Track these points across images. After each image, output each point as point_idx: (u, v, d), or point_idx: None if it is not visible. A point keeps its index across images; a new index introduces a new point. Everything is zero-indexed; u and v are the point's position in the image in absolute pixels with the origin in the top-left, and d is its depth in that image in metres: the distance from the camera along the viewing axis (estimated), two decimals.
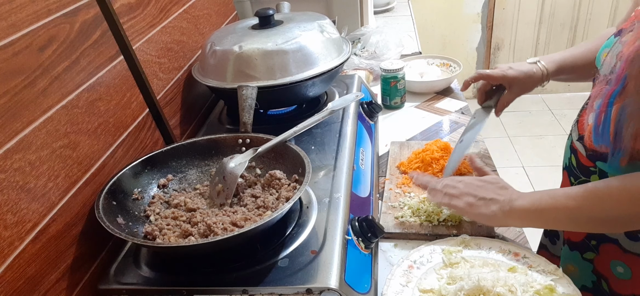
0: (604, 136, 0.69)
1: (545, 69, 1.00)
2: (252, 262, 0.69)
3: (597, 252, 0.87)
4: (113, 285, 0.69)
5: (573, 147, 0.89)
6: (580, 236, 0.90)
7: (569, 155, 0.91)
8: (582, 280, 0.91)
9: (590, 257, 0.89)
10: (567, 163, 0.92)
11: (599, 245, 0.86)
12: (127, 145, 0.85)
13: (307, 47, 0.98)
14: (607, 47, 0.80)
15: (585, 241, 0.89)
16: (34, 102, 0.65)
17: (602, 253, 0.86)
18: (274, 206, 0.76)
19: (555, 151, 3.02)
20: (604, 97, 0.69)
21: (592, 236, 0.87)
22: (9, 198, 0.59)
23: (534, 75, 1.00)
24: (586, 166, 0.85)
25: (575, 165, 0.88)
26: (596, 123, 0.70)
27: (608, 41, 0.81)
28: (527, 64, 1.02)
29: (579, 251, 0.91)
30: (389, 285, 0.76)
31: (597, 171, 0.82)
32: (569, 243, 0.93)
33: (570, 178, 0.91)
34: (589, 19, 3.33)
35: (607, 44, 0.81)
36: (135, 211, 0.78)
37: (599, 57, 0.83)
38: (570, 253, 0.93)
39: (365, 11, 1.75)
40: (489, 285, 0.70)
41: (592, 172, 0.84)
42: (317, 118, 0.88)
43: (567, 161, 0.92)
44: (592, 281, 0.90)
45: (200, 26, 1.22)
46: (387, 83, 1.40)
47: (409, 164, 1.12)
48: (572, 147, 0.89)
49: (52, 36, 0.69)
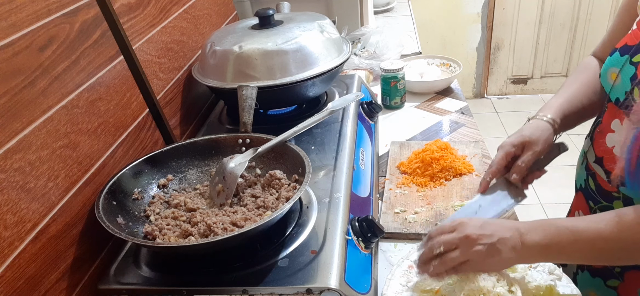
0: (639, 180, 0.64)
1: (552, 119, 0.85)
2: (252, 262, 0.69)
3: (622, 279, 0.81)
4: (113, 285, 0.69)
5: (590, 168, 0.82)
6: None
7: (585, 176, 0.84)
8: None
9: (614, 284, 0.82)
10: (582, 184, 0.86)
11: (624, 272, 0.80)
12: (127, 145, 0.85)
13: (307, 47, 0.98)
14: (615, 66, 0.75)
15: (609, 268, 0.82)
16: (34, 102, 0.65)
17: (628, 280, 0.80)
18: (274, 206, 0.76)
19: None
20: (634, 139, 0.63)
21: None
22: (9, 198, 0.59)
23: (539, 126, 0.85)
24: (608, 191, 0.78)
25: (594, 188, 0.82)
26: (629, 166, 0.64)
27: (613, 58, 0.76)
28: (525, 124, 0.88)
29: (601, 278, 0.84)
30: (389, 285, 0.76)
31: (621, 197, 0.76)
32: (590, 270, 0.87)
33: (588, 201, 0.84)
34: (589, 19, 3.33)
35: (612, 61, 0.76)
36: (135, 211, 0.78)
37: (604, 76, 0.77)
38: (592, 279, 0.86)
39: (365, 11, 1.75)
40: (489, 285, 0.69)
41: (615, 198, 0.78)
42: (317, 118, 0.88)
43: (583, 183, 0.85)
44: None
45: (200, 26, 1.22)
46: (387, 83, 1.41)
47: (409, 164, 1.12)
48: (588, 168, 0.83)
49: (52, 36, 0.69)
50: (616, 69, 0.75)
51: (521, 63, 3.60)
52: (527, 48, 3.53)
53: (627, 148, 0.64)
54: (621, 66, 0.73)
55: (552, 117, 0.85)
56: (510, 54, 3.57)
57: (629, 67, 0.72)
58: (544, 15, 3.37)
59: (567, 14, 3.35)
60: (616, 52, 0.76)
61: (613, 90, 0.75)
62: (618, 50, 0.76)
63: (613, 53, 0.77)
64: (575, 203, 0.91)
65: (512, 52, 3.56)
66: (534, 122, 0.86)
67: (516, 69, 3.63)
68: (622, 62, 0.74)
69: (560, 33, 3.43)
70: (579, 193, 0.88)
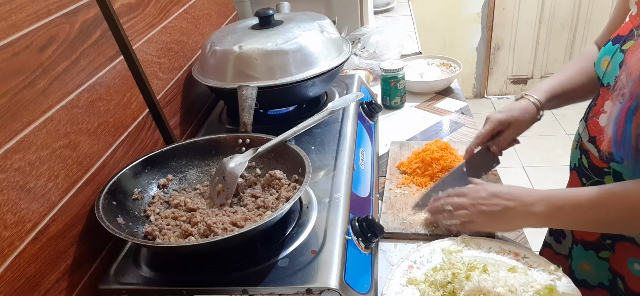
0: (625, 149, 0.70)
1: (537, 100, 0.96)
2: (252, 262, 0.69)
3: (613, 250, 0.87)
4: (113, 285, 0.69)
5: (583, 148, 0.88)
6: (594, 235, 0.90)
7: (579, 155, 0.90)
8: (598, 278, 0.91)
9: (606, 256, 0.89)
10: (575, 163, 0.92)
11: (614, 243, 0.86)
12: (127, 145, 0.85)
13: (307, 47, 0.98)
14: (607, 54, 0.81)
15: (600, 241, 0.89)
16: (34, 102, 0.65)
17: (618, 251, 0.86)
18: (274, 206, 0.76)
19: (555, 151, 3.02)
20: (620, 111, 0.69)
21: (607, 235, 0.87)
22: (9, 198, 0.59)
23: (528, 108, 0.96)
24: (599, 167, 0.84)
25: (587, 165, 0.88)
26: (615, 137, 0.70)
27: (606, 47, 0.82)
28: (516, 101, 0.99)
29: (594, 250, 0.91)
30: (389, 285, 0.76)
31: (611, 172, 0.82)
32: (583, 243, 0.93)
33: (581, 179, 0.91)
34: (589, 19, 3.33)
35: (605, 50, 0.82)
36: (135, 211, 0.78)
37: (598, 63, 0.83)
38: (585, 252, 0.93)
39: (365, 11, 1.75)
40: (489, 286, 0.70)
41: (606, 173, 0.83)
42: (317, 118, 0.88)
43: (577, 161, 0.91)
44: (608, 279, 0.90)
45: (200, 26, 1.22)
46: (387, 83, 1.41)
47: (409, 164, 1.12)
48: (582, 147, 0.89)
49: (52, 36, 0.69)
50: (608, 56, 0.80)
51: (521, 63, 3.60)
52: (527, 48, 3.53)
53: (613, 119, 0.70)
54: (612, 54, 0.79)
55: (538, 98, 0.96)
56: (510, 54, 3.57)
57: (619, 54, 0.77)
58: (544, 15, 3.37)
59: (567, 14, 3.35)
60: (609, 42, 0.81)
61: (605, 76, 0.80)
62: (611, 40, 0.81)
63: (606, 43, 0.82)
64: (570, 182, 0.96)
65: (512, 52, 3.56)
66: (523, 102, 0.97)
67: (516, 69, 3.63)
68: (613, 50, 0.79)
69: (560, 33, 3.43)
70: (573, 172, 0.94)
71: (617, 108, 0.70)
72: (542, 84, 0.99)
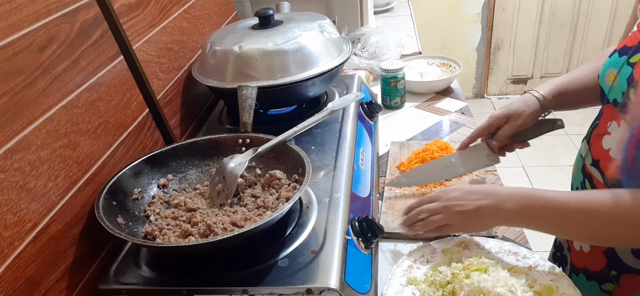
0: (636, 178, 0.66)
1: (540, 94, 0.92)
2: (252, 262, 0.69)
3: (617, 284, 0.81)
4: (113, 285, 0.69)
5: (587, 171, 0.82)
6: (599, 266, 0.83)
7: (581, 179, 0.84)
8: None
9: (609, 289, 0.82)
10: (578, 187, 0.86)
11: (619, 276, 0.80)
12: (127, 145, 0.85)
13: (307, 47, 0.98)
14: (613, 67, 0.75)
15: (605, 271, 0.82)
16: (34, 102, 0.65)
17: (623, 284, 0.80)
18: (274, 206, 0.76)
19: (555, 151, 3.02)
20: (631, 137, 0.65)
21: (612, 266, 0.81)
22: (9, 198, 0.59)
23: (528, 100, 0.93)
24: None
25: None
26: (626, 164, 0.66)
27: (611, 59, 0.77)
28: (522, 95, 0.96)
29: (597, 281, 0.84)
30: (389, 285, 0.76)
31: None
32: (586, 273, 0.87)
33: None
34: (589, 19, 3.33)
35: (611, 62, 0.77)
36: (135, 211, 0.78)
37: (603, 76, 0.78)
38: (588, 283, 0.86)
39: (365, 11, 1.75)
40: (489, 286, 0.70)
41: None
42: (317, 118, 0.88)
43: (579, 185, 0.85)
44: None
45: (200, 26, 1.22)
46: (387, 83, 1.41)
47: (409, 164, 1.12)
48: (584, 170, 0.83)
49: (52, 36, 0.69)
50: (614, 70, 0.75)
51: (521, 63, 3.60)
52: (527, 48, 3.53)
53: (624, 146, 0.66)
54: (619, 67, 0.74)
55: (542, 93, 0.92)
56: (510, 54, 3.57)
57: (627, 67, 0.72)
58: (544, 15, 3.37)
59: (567, 14, 3.35)
60: (615, 53, 0.76)
61: (611, 91, 0.75)
62: (617, 51, 0.76)
63: (612, 54, 0.77)
64: None
65: (512, 52, 3.56)
66: (526, 96, 0.94)
67: (516, 69, 3.63)
68: (620, 63, 0.74)
69: (560, 33, 3.43)
70: None
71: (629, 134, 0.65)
72: (554, 80, 0.95)
